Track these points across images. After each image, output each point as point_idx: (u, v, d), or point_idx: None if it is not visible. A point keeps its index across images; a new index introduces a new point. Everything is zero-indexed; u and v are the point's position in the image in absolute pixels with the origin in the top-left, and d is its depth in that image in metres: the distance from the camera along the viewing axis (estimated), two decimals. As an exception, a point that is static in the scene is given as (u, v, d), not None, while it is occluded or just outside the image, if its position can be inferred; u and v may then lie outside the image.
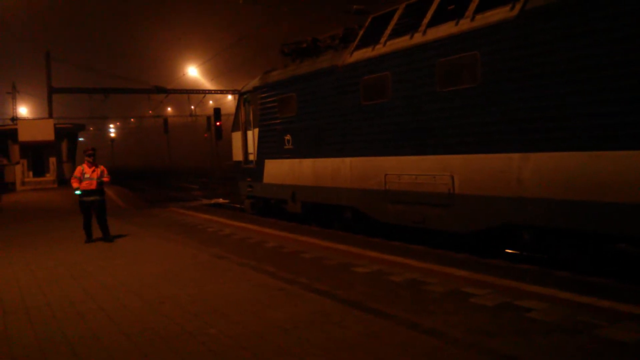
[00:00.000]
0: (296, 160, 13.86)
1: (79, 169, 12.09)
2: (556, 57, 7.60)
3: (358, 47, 11.69)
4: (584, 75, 7.26)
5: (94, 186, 11.95)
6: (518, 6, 8.13)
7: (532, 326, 5.34)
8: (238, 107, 17.34)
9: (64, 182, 33.59)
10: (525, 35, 8.01)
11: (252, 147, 16.16)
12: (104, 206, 12.34)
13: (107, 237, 12.18)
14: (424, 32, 9.84)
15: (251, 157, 16.26)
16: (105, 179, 12.07)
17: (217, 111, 39.91)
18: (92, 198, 12.02)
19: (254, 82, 16.25)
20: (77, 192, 11.97)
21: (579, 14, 7.30)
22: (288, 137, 14.12)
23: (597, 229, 7.32)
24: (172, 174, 57.94)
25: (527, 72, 7.99)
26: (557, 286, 6.57)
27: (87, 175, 11.92)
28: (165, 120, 58.84)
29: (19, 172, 34.78)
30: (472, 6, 9.01)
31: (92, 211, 12.12)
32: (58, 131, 36.06)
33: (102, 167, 12.12)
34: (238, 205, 21.64)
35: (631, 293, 6.21)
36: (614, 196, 6.97)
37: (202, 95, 54.36)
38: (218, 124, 39.27)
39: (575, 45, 7.36)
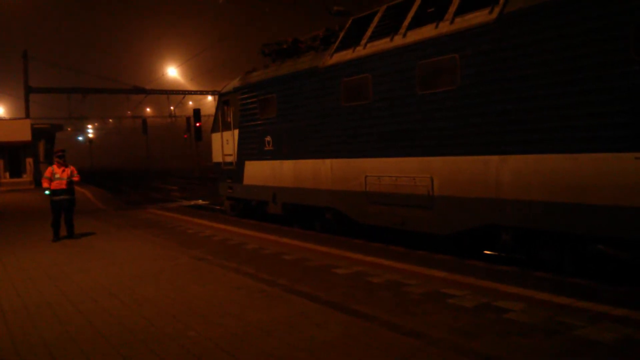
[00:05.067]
0: (277, 162, 13.83)
1: (49, 169, 12.60)
2: (534, 60, 7.68)
3: (339, 49, 11.70)
4: (562, 78, 7.34)
5: (64, 186, 12.46)
6: (497, 9, 8.20)
7: (511, 327, 5.38)
8: (218, 108, 17.27)
9: (41, 183, 33.17)
10: (504, 38, 8.07)
11: (232, 149, 16.10)
12: (73, 205, 12.88)
13: (72, 235, 12.68)
14: (404, 35, 9.88)
15: (231, 159, 16.20)
16: (75, 178, 12.66)
17: (196, 112, 39.60)
18: (62, 197, 12.49)
19: (234, 83, 16.19)
20: (47, 192, 12.47)
21: (558, 17, 7.38)
22: (268, 138, 14.09)
23: (576, 230, 7.41)
24: (151, 175, 57.51)
25: (505, 75, 8.06)
26: (536, 287, 6.65)
27: (57, 176, 12.43)
28: (144, 121, 58.38)
29: (-5, 173, 34.33)
30: (452, 9, 9.06)
31: (62, 210, 12.53)
32: (35, 131, 35.61)
33: (71, 167, 12.68)
34: (218, 207, 21.54)
35: (609, 294, 6.30)
36: (592, 198, 7.05)
37: (182, 95, 54.08)
38: (198, 124, 39.00)
39: (553, 48, 7.44)
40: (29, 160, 35.75)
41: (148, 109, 78.70)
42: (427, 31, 9.39)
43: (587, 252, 7.66)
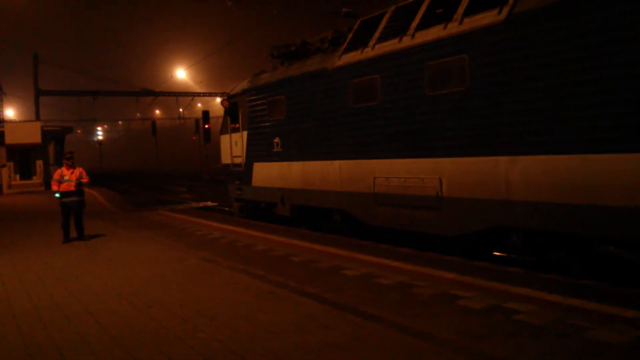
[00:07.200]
0: (285, 163, 13.85)
1: (58, 171, 12.61)
2: (544, 61, 7.65)
3: (347, 50, 11.70)
4: (572, 79, 7.31)
5: (72, 187, 12.44)
6: (506, 10, 8.17)
7: (520, 329, 5.36)
8: (226, 110, 17.30)
9: (50, 185, 33.33)
10: (513, 38, 8.05)
11: (241, 150, 16.13)
12: (83, 207, 12.85)
13: (82, 237, 12.71)
14: (413, 36, 9.87)
15: (240, 160, 16.24)
16: (84, 180, 12.63)
17: (205, 114, 39.81)
18: (71, 199, 12.50)
19: (243, 85, 16.22)
20: (57, 194, 12.49)
21: (567, 17, 7.35)
22: (277, 139, 14.11)
23: (586, 231, 7.37)
24: (160, 176, 57.70)
25: (515, 76, 8.03)
26: (546, 289, 6.61)
27: (66, 178, 12.43)
28: (154, 123, 58.56)
29: (6, 175, 34.47)
30: (461, 9, 9.04)
31: (72, 211, 12.56)
32: (45, 134, 35.79)
33: (80, 169, 12.68)
34: (227, 209, 21.58)
35: (619, 295, 6.26)
36: (602, 199, 7.02)
37: (191, 97, 54.24)
38: (206, 126, 39.18)
39: (562, 48, 7.41)
40: (39, 163, 35.91)
41: (157, 111, 78.93)
42: (435, 32, 9.37)
43: (596, 254, 7.62)
